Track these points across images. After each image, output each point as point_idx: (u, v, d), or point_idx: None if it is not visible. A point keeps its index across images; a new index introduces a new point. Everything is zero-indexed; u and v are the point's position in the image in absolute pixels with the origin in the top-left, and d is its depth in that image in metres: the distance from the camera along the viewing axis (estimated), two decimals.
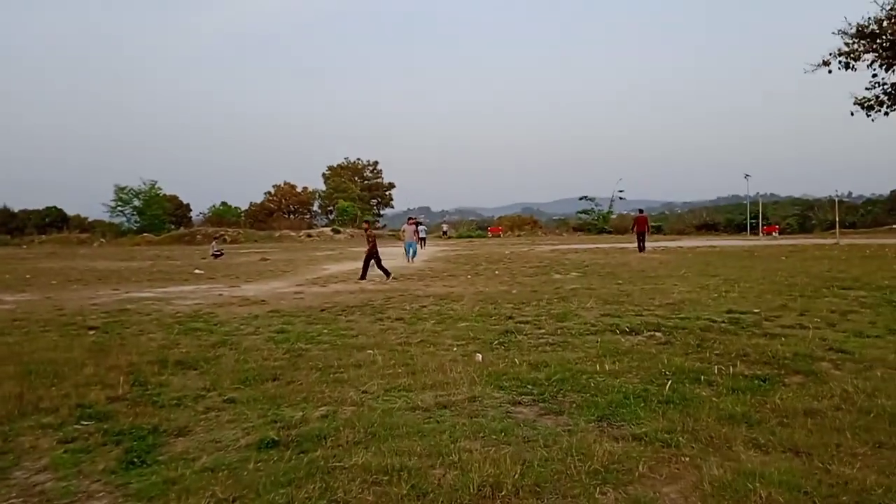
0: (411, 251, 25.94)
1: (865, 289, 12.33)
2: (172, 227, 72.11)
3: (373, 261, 18.39)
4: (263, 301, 12.87)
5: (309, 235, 63.61)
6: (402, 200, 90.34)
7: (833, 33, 29.00)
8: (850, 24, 28.30)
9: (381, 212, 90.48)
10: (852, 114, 30.31)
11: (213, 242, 36.74)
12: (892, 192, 73.69)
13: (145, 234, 64.00)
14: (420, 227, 33.13)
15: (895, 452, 4.02)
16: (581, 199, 73.91)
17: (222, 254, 32.80)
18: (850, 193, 75.82)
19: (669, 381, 5.56)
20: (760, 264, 19.86)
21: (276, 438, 4.48)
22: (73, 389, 5.89)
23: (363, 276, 17.98)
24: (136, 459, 4.21)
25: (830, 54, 28.90)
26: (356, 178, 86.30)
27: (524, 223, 73.89)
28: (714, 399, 5.15)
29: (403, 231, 27.23)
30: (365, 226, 22.15)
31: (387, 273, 17.97)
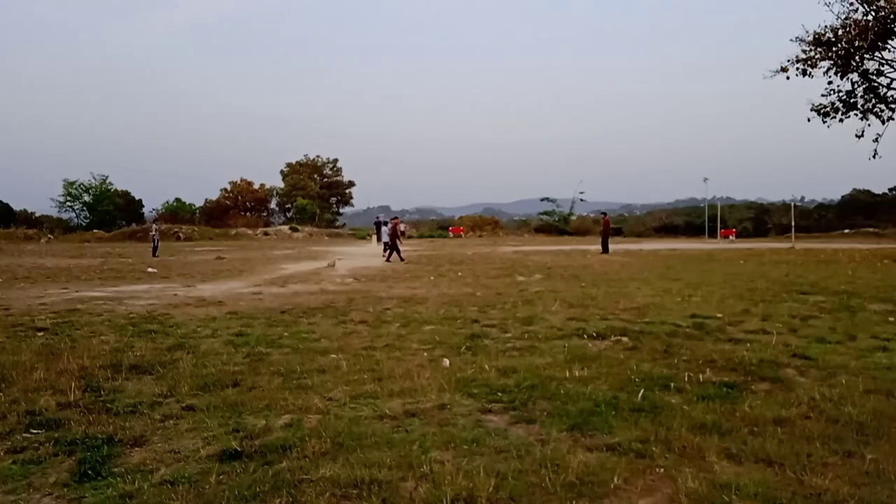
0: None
1: (823, 293, 12.59)
2: (124, 223, 70.36)
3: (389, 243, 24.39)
4: (221, 302, 12.55)
5: (266, 234, 62.70)
6: (362, 199, 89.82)
7: (791, 40, 29.63)
8: (807, 32, 28.94)
9: (341, 210, 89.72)
10: (809, 120, 31.00)
11: (154, 226, 35.51)
12: (842, 197, 75.94)
13: (95, 231, 62.31)
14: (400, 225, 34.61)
15: (864, 462, 4.02)
16: (542, 200, 74.56)
17: (158, 243, 31.98)
18: (802, 198, 77.91)
19: (641, 390, 5.51)
20: (720, 268, 20.20)
21: (239, 449, 4.30)
22: (21, 395, 5.60)
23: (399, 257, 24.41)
24: (90, 471, 3.98)
25: (788, 61, 29.50)
26: (315, 176, 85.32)
27: (485, 223, 74.01)
28: (685, 407, 5.13)
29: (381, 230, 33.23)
30: (395, 220, 28.28)
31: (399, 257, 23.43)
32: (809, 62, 29.10)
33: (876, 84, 29.61)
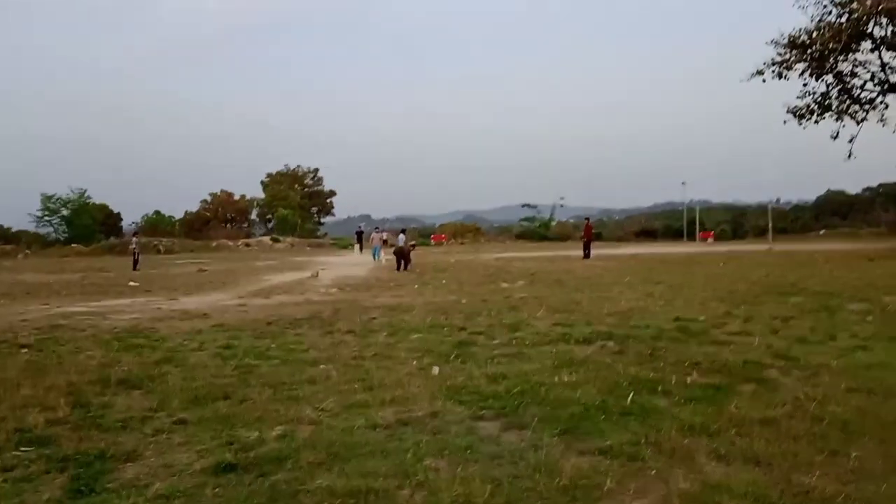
0: (379, 255, 32.09)
1: (802, 294, 12.79)
2: (103, 237, 69.62)
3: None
4: (205, 314, 12.49)
5: (247, 245, 62.35)
6: (343, 208, 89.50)
7: (766, 43, 30.09)
8: (782, 35, 29.43)
9: (322, 220, 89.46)
10: (785, 122, 31.53)
11: (134, 239, 34.91)
12: (817, 198, 77.04)
13: (74, 245, 61.52)
14: (375, 235, 35.58)
15: (849, 460, 4.12)
16: (523, 206, 74.93)
17: (139, 257, 31.75)
18: (779, 200, 78.86)
19: (630, 394, 5.59)
20: (701, 270, 20.43)
21: (234, 461, 4.30)
22: (9, 412, 5.54)
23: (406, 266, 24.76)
24: (83, 488, 3.97)
25: (764, 63, 29.98)
26: (296, 186, 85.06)
27: (467, 231, 74.16)
28: (673, 409, 5.22)
29: (372, 239, 35.03)
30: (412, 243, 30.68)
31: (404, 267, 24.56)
32: (785, 65, 29.62)
33: (850, 85, 30.17)
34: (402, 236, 28.03)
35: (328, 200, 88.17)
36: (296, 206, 79.73)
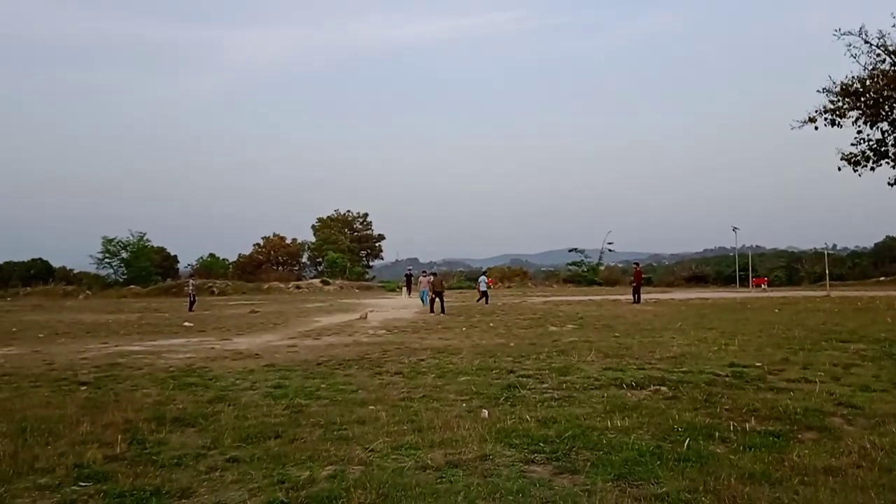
0: (426, 298, 29.93)
1: (864, 341, 12.33)
2: (159, 278, 71.52)
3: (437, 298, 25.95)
4: (257, 355, 12.67)
5: (298, 287, 63.21)
6: (391, 252, 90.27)
7: (818, 91, 29.62)
8: (834, 83, 28.96)
9: (371, 263, 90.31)
10: (839, 169, 30.78)
11: (191, 281, 36.38)
12: (875, 244, 74.53)
13: (132, 286, 63.36)
14: (423, 279, 35.62)
15: None
16: (570, 251, 74.21)
17: (195, 298, 32.80)
18: (834, 246, 76.47)
19: (686, 440, 5.44)
20: (755, 317, 19.88)
21: (285, 500, 4.33)
22: (69, 448, 5.71)
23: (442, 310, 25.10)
24: None
25: (816, 111, 29.46)
26: (346, 230, 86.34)
27: (514, 274, 73.84)
28: (731, 457, 5.05)
29: (420, 282, 33.56)
30: (432, 276, 30.27)
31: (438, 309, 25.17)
32: (838, 112, 29.04)
33: None
34: (423, 278, 30.14)
35: (377, 244, 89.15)
36: (345, 249, 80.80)
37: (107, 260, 71.29)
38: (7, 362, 12.21)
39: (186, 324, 22.09)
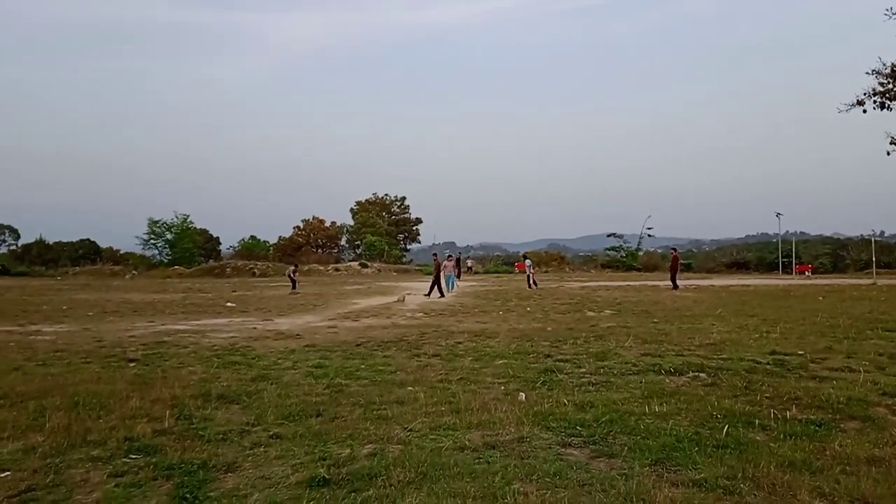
0: (453, 283, 30.40)
1: None
2: (202, 259, 72.98)
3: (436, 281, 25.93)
4: (298, 335, 12.90)
5: (337, 269, 63.96)
6: (428, 235, 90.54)
7: (867, 73, 28.78)
8: (884, 65, 28.10)
9: (408, 246, 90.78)
10: (888, 153, 29.94)
11: (291, 268, 38.14)
12: None
13: (176, 267, 64.85)
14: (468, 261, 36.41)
15: None
16: (609, 235, 73.54)
17: (295, 281, 34.04)
18: (882, 233, 74.21)
19: (725, 427, 5.42)
20: (798, 304, 19.52)
21: (327, 476, 4.44)
22: (119, 422, 5.92)
23: (441, 294, 25.65)
24: (187, 495, 4.19)
25: (865, 94, 28.65)
26: (384, 214, 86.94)
27: (551, 259, 73.49)
28: (771, 444, 5.02)
29: (445, 266, 31.12)
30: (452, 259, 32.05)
31: (441, 294, 25.47)
32: (888, 95, 28.19)
33: None
34: (447, 263, 30.38)
35: (414, 228, 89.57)
36: (383, 232, 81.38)
37: (152, 241, 73.12)
38: (59, 339, 12.65)
39: (229, 304, 22.56)
